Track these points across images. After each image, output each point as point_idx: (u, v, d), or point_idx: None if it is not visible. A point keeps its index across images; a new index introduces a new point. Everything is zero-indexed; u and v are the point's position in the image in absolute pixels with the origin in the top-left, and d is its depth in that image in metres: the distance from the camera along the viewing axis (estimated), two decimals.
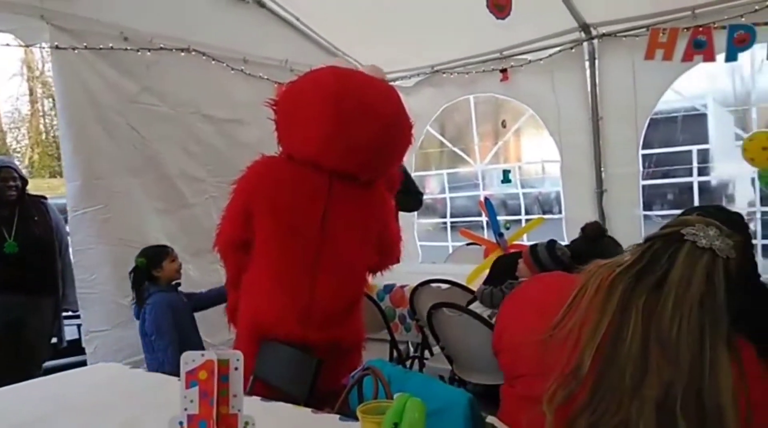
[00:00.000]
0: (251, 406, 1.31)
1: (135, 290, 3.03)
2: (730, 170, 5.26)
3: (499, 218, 4.08)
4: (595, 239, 2.65)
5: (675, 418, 1.00)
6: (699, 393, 1.02)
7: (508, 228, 4.10)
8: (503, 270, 2.82)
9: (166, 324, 2.83)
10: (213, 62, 4.18)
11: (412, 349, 3.74)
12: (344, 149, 2.18)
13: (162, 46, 3.87)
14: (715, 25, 3.78)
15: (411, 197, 4.28)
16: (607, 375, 1.06)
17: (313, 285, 2.22)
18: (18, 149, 22.38)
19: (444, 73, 5.43)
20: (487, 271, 3.01)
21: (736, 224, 1.89)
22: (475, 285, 2.97)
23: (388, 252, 2.46)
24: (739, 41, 3.63)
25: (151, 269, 3.00)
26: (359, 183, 2.29)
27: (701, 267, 1.08)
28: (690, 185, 4.97)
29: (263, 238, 2.25)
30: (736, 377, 1.03)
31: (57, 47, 3.38)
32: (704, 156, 5.10)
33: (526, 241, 4.01)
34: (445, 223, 6.11)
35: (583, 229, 2.71)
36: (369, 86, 2.28)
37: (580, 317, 1.12)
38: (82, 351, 3.53)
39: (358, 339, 2.43)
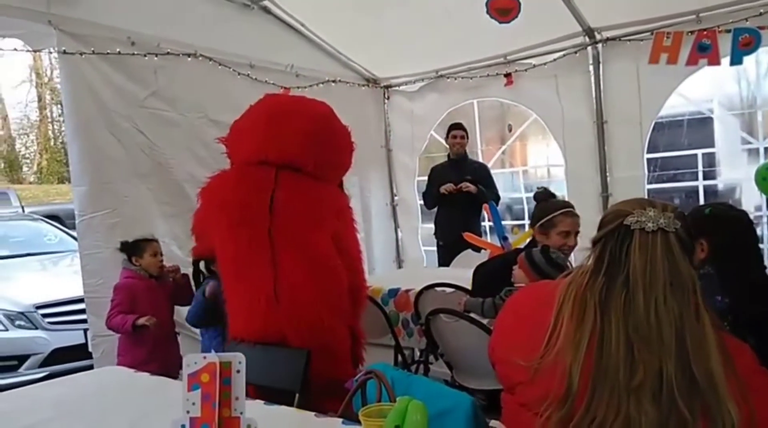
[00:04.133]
0: (253, 410, 1.32)
1: (195, 280, 3.13)
2: (736, 174, 5.24)
3: (504, 222, 4.08)
4: (542, 201, 2.77)
5: (674, 401, 1.02)
6: (688, 366, 1.04)
7: (515, 234, 4.10)
8: (486, 279, 2.79)
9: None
10: (219, 67, 4.22)
11: (418, 353, 3.74)
12: (277, 135, 2.34)
13: (169, 50, 3.90)
14: (720, 29, 3.78)
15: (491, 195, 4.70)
16: (601, 382, 1.06)
17: (275, 270, 2.25)
18: (27, 155, 22.58)
19: (448, 77, 5.44)
20: None
21: (736, 219, 1.92)
22: None
23: (352, 268, 2.44)
24: (744, 44, 3.63)
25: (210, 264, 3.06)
26: (307, 175, 2.38)
27: (659, 250, 1.09)
28: (696, 189, 4.96)
29: (225, 241, 2.33)
30: (718, 346, 1.06)
31: (64, 52, 3.41)
32: (710, 160, 5.08)
33: None
34: None
35: (534, 197, 2.87)
36: (298, 97, 2.72)
37: (562, 344, 1.13)
38: (89, 356, 3.55)
39: (339, 338, 2.35)
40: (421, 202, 5.46)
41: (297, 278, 2.25)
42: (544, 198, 2.79)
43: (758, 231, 3.99)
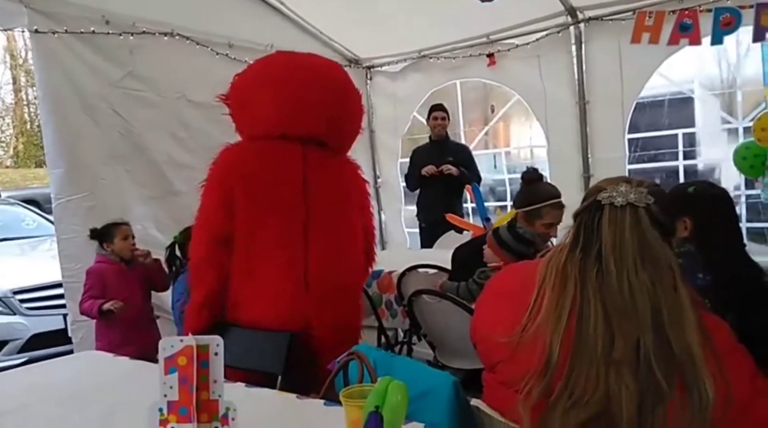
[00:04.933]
0: (235, 392, 1.31)
1: (169, 265, 3.09)
2: (716, 154, 5.29)
3: (486, 204, 4.09)
4: (531, 183, 2.70)
5: (652, 373, 1.03)
6: (665, 338, 1.05)
7: (498, 215, 4.11)
8: (465, 261, 2.79)
9: None
10: (197, 46, 4.13)
11: (402, 334, 3.75)
12: (304, 108, 2.20)
13: (145, 29, 3.81)
14: (701, 8, 3.77)
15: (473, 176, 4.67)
16: (580, 355, 1.07)
17: (306, 255, 2.17)
18: (3, 139, 22.07)
19: (431, 58, 5.40)
20: None
21: (718, 197, 1.93)
22: None
23: (368, 242, 2.46)
24: (725, 24, 3.63)
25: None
26: (330, 151, 2.30)
27: (627, 224, 1.11)
28: (676, 169, 5.00)
29: (250, 222, 2.17)
30: (696, 322, 1.07)
31: (36, 31, 3.32)
32: (690, 140, 5.12)
33: None
34: None
35: (522, 177, 2.78)
36: (313, 57, 2.44)
37: (543, 316, 1.13)
38: (68, 341, 3.51)
39: (357, 323, 2.38)
40: (404, 184, 5.45)
41: (326, 262, 2.19)
42: (532, 180, 2.75)
43: (737, 210, 4.03)
